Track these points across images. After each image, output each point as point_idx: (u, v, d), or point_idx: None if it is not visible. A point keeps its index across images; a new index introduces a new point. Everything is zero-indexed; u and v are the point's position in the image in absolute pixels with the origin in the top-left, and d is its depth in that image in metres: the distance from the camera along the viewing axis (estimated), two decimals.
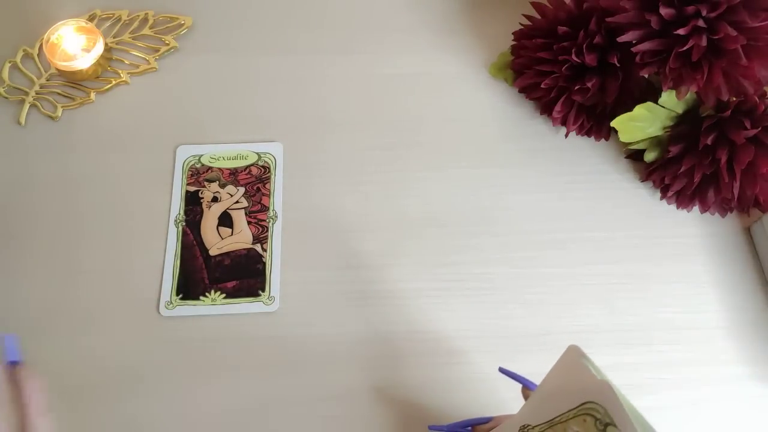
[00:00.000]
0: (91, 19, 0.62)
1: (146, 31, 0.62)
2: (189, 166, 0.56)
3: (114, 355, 0.49)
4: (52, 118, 0.58)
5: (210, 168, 0.56)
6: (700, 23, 0.45)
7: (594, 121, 0.56)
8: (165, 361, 0.49)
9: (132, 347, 0.49)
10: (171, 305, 0.51)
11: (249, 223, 0.54)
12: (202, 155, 0.56)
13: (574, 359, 0.33)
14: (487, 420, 0.43)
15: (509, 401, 0.48)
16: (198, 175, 0.56)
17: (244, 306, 0.51)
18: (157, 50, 0.62)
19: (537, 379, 0.49)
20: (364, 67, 0.61)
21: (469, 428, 0.44)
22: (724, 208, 0.54)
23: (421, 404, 0.48)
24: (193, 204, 0.55)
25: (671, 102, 0.52)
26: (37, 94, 0.59)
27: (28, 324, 0.50)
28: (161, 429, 0.47)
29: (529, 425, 0.34)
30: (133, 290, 0.51)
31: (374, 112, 0.59)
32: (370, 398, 0.48)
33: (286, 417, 0.47)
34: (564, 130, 0.57)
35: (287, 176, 0.56)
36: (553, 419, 0.32)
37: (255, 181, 0.55)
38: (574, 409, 0.30)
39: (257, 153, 0.57)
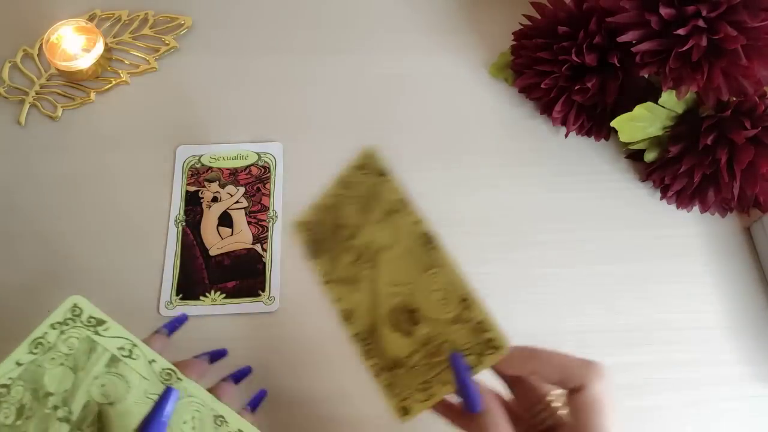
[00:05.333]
0: (91, 19, 0.62)
1: (146, 31, 0.62)
2: (189, 166, 0.56)
3: None
4: (52, 118, 0.58)
5: (210, 168, 0.56)
6: (700, 23, 0.45)
7: (594, 121, 0.56)
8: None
9: None
10: (171, 305, 0.51)
11: (249, 223, 0.54)
12: (202, 155, 0.56)
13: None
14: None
15: None
16: (198, 175, 0.56)
17: (244, 306, 0.51)
18: (157, 50, 0.62)
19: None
20: (364, 66, 0.61)
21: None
22: (724, 208, 0.54)
23: None
24: (193, 204, 0.55)
25: (671, 102, 0.52)
26: (37, 94, 0.59)
27: (28, 323, 0.50)
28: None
29: None
30: (133, 290, 0.51)
31: (374, 112, 0.59)
32: (370, 398, 0.48)
33: (286, 417, 0.47)
34: (564, 130, 0.57)
35: (287, 176, 0.56)
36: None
37: (255, 181, 0.55)
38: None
39: (257, 153, 0.57)
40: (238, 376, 0.42)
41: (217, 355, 0.42)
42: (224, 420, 0.36)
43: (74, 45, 0.59)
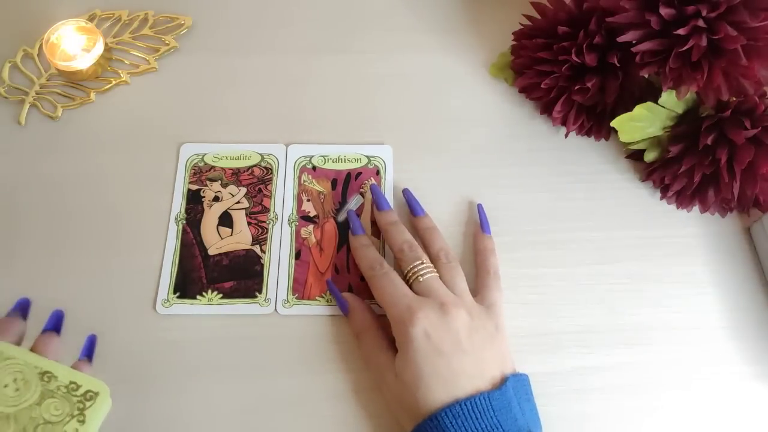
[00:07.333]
0: (91, 19, 0.62)
1: (146, 31, 0.62)
2: (192, 164, 0.56)
3: (110, 353, 0.49)
4: (52, 118, 0.58)
5: (213, 167, 0.56)
6: (700, 23, 0.45)
7: (594, 121, 0.56)
8: (161, 360, 0.49)
9: (128, 345, 0.49)
10: (168, 303, 0.51)
11: (249, 223, 0.54)
12: (205, 154, 0.56)
13: None
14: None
15: None
16: (200, 173, 0.56)
17: (240, 307, 0.51)
18: (157, 50, 0.62)
19: (540, 377, 0.49)
20: (364, 67, 0.61)
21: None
22: (724, 208, 0.54)
23: None
24: (194, 202, 0.55)
25: (671, 102, 0.52)
26: (37, 94, 0.59)
27: (28, 323, 0.50)
28: (158, 428, 0.47)
29: None
30: (130, 287, 0.51)
31: (375, 112, 0.59)
32: (370, 398, 0.48)
33: (285, 417, 0.47)
34: (564, 130, 0.57)
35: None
36: None
37: (257, 182, 0.55)
38: None
39: (260, 154, 0.57)
40: (56, 326, 0.42)
41: (23, 307, 0.42)
42: (52, 375, 0.36)
43: (74, 45, 0.59)
